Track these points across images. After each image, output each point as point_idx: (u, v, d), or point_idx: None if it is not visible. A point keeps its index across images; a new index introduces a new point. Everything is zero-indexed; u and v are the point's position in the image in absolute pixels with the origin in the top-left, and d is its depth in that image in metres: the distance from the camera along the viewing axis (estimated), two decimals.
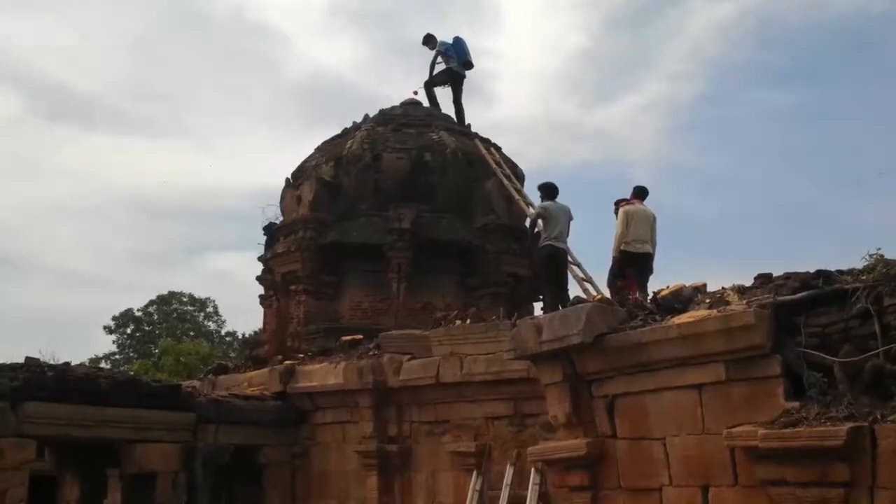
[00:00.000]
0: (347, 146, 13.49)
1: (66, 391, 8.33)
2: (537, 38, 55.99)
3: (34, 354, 9.04)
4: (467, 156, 13.42)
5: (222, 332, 34.87)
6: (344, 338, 11.07)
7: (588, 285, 10.39)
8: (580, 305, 6.51)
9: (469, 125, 14.50)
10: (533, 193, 11.34)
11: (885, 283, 5.07)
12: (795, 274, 5.80)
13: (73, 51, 52.21)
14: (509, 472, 8.48)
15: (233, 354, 27.31)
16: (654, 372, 5.89)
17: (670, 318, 6.02)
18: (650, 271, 9.58)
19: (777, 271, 6.10)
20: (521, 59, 54.45)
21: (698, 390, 5.65)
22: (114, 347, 33.07)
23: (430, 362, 9.28)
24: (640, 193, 9.85)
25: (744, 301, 5.75)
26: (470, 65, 14.72)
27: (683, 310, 6.16)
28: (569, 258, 10.36)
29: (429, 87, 14.76)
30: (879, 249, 5.52)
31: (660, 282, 8.46)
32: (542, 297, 11.59)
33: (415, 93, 14.86)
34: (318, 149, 14.27)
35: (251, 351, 13.91)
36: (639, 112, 53.16)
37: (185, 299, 34.29)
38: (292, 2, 55.90)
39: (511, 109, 50.93)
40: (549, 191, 10.06)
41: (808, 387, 5.15)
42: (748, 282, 6.27)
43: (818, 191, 47.55)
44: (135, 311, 33.31)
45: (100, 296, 47.16)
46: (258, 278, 13.84)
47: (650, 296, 7.24)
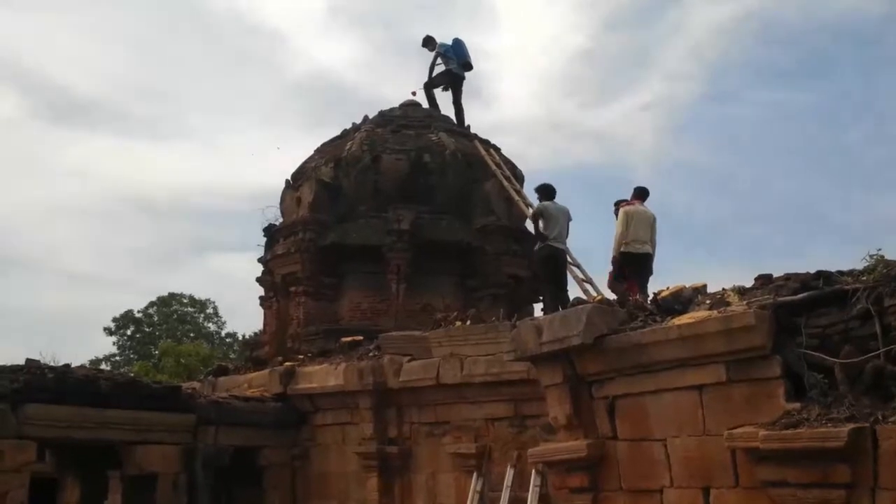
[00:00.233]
0: (347, 147, 13.49)
1: (66, 393, 8.33)
2: (537, 38, 56.10)
3: (34, 356, 9.09)
4: (467, 157, 13.42)
5: (222, 333, 34.90)
6: (344, 339, 11.08)
7: (588, 286, 10.38)
8: (580, 306, 6.51)
9: (469, 126, 14.49)
10: (532, 194, 11.34)
11: (886, 283, 5.07)
12: (796, 275, 5.81)
13: (74, 52, 52.30)
14: (510, 474, 8.47)
15: (233, 356, 27.31)
16: (655, 373, 5.88)
17: (670, 319, 6.02)
18: (650, 272, 9.58)
19: (777, 271, 6.13)
20: (521, 59, 54.47)
21: (699, 391, 5.65)
22: (114, 349, 33.10)
23: (430, 363, 9.27)
24: (640, 194, 9.85)
25: (744, 302, 5.75)
26: (469, 66, 14.70)
27: (684, 311, 6.16)
28: (568, 259, 10.37)
29: (428, 88, 14.75)
30: (880, 250, 5.53)
31: (660, 282, 8.48)
32: (541, 298, 11.60)
33: (413, 94, 14.86)
34: (318, 150, 14.27)
35: (251, 352, 13.91)
36: (639, 112, 53.23)
37: (185, 301, 34.31)
38: (292, 3, 55.97)
39: (511, 110, 51.01)
40: (547, 192, 10.06)
41: (808, 388, 5.15)
42: (748, 282, 6.28)
43: (818, 191, 47.61)
44: (135, 313, 33.32)
45: (100, 296, 47.21)
46: (258, 279, 13.84)
47: (650, 297, 7.24)
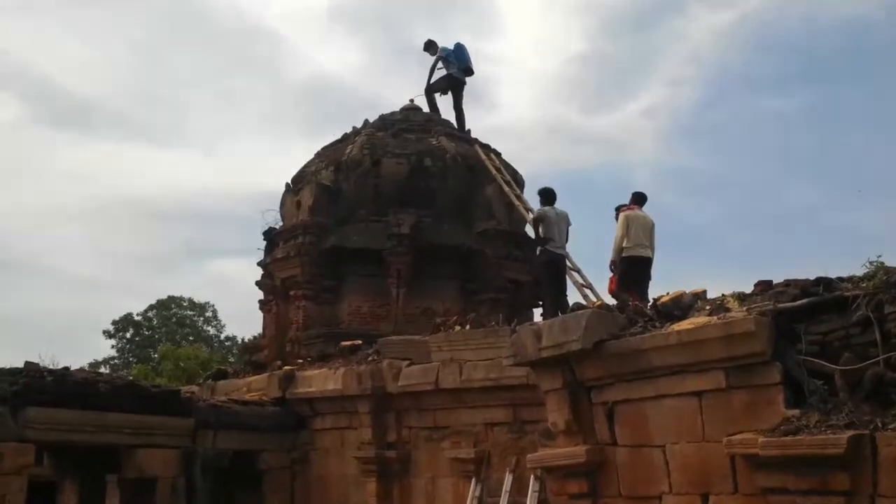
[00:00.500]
0: (347, 151, 13.49)
1: (65, 396, 8.32)
2: (538, 43, 56.18)
3: (34, 359, 9.09)
4: (467, 161, 13.43)
5: (222, 336, 34.91)
6: (343, 343, 11.07)
7: (588, 291, 10.38)
8: (580, 312, 6.51)
9: (469, 131, 14.50)
10: (533, 199, 11.36)
11: (886, 290, 5.05)
12: (795, 281, 5.79)
13: (74, 55, 52.35)
14: (508, 479, 8.45)
15: (232, 359, 27.27)
16: (654, 379, 5.87)
17: (670, 324, 6.00)
18: (649, 277, 9.58)
19: (777, 277, 6.10)
20: (522, 64, 54.57)
21: (698, 397, 5.63)
22: (113, 352, 33.09)
23: (430, 368, 9.26)
24: (638, 199, 9.86)
25: (744, 308, 5.72)
26: (470, 71, 14.70)
27: (683, 316, 6.14)
28: (568, 264, 10.37)
29: (429, 92, 14.76)
30: (880, 256, 5.51)
31: (660, 287, 8.47)
32: (541, 303, 11.59)
33: (411, 100, 14.85)
34: (318, 154, 14.28)
35: (250, 356, 13.89)
36: (639, 117, 53.29)
37: (184, 304, 34.30)
38: (293, 6, 56.07)
39: (511, 114, 51.04)
40: (548, 196, 10.08)
41: (808, 394, 5.13)
42: (748, 288, 6.27)
43: (818, 196, 47.62)
44: (134, 316, 33.31)
45: (100, 300, 47.14)
46: (258, 283, 13.84)
47: (650, 302, 7.23)
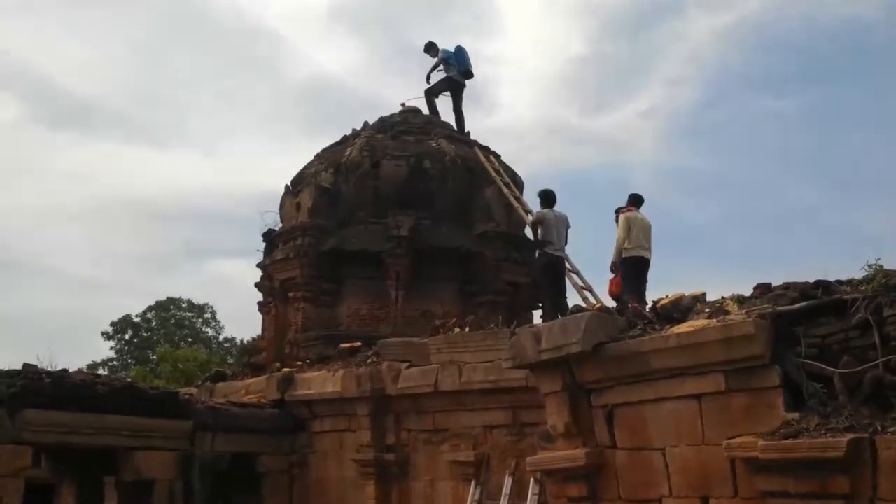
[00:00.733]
0: (347, 153, 13.49)
1: (63, 398, 8.31)
2: (538, 43, 56.20)
3: (32, 360, 9.08)
4: (466, 163, 13.42)
5: (220, 338, 34.83)
6: (342, 345, 11.05)
7: (587, 294, 10.36)
8: (579, 314, 6.50)
9: (468, 133, 14.50)
10: (533, 200, 11.34)
11: (885, 293, 5.06)
12: (795, 284, 5.79)
13: (74, 55, 52.33)
14: (508, 482, 8.44)
15: (231, 361, 27.22)
16: (654, 382, 5.86)
17: (669, 327, 6.01)
18: (646, 279, 9.58)
19: (777, 278, 6.12)
20: (522, 64, 54.58)
21: (698, 400, 5.63)
22: (112, 354, 33.02)
23: (429, 370, 9.25)
24: (635, 201, 9.86)
25: (743, 311, 5.73)
26: (470, 74, 14.71)
27: (683, 319, 6.15)
28: (567, 266, 10.36)
29: (428, 94, 14.76)
30: (879, 259, 5.52)
31: (659, 288, 8.48)
32: (541, 305, 11.58)
33: (402, 105, 14.82)
34: (318, 156, 14.27)
35: (249, 358, 13.88)
36: (639, 117, 53.29)
37: (183, 305, 34.23)
38: (293, 6, 56.07)
39: (511, 115, 51.02)
40: (548, 198, 10.07)
41: (807, 398, 5.13)
42: (748, 289, 6.27)
43: (818, 196, 47.63)
44: (133, 317, 33.26)
45: (98, 301, 47.04)
46: (257, 285, 13.82)
47: (649, 305, 7.23)
